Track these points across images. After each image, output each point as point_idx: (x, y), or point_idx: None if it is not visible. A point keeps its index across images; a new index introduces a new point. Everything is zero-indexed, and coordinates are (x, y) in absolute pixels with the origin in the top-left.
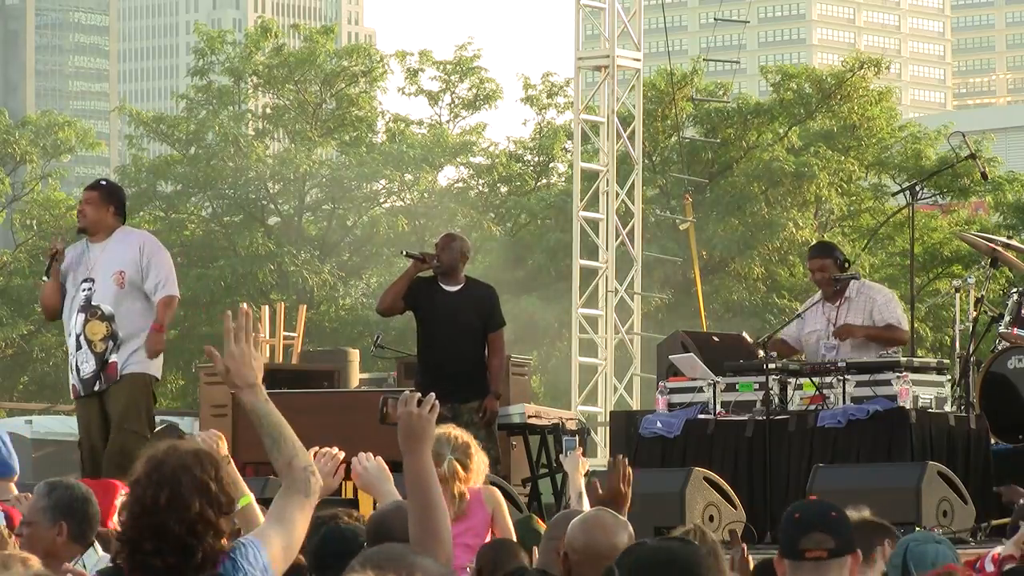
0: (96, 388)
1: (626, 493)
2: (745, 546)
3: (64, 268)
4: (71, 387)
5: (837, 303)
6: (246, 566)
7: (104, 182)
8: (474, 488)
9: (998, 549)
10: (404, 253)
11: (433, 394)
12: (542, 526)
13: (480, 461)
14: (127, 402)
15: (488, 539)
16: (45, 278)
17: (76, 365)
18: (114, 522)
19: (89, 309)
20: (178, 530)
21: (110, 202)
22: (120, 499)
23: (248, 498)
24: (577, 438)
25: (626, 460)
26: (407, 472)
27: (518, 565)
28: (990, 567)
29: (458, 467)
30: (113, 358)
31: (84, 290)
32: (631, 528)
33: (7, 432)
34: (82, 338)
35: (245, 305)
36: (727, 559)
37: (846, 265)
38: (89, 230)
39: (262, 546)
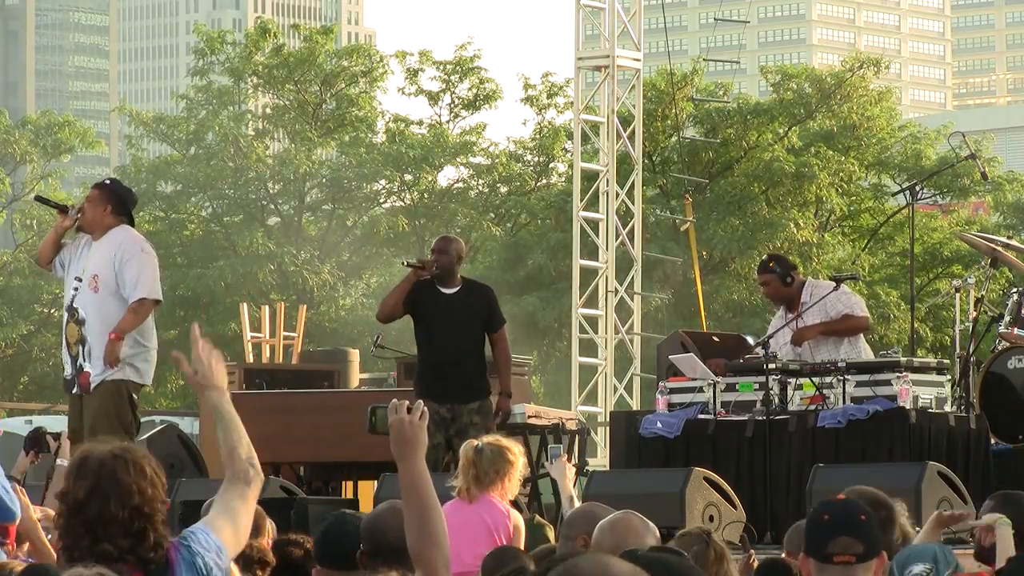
0: (74, 390)
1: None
2: (753, 552)
3: (71, 250)
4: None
5: (797, 310)
6: (200, 550)
7: (108, 181)
8: (502, 506)
9: None
10: (404, 263)
11: (421, 401)
12: (550, 529)
13: (515, 479)
14: (96, 412)
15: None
16: (37, 200)
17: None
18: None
19: (70, 310)
20: (123, 515)
21: (108, 201)
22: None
23: None
24: (562, 446)
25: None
26: (402, 478)
27: (519, 565)
28: None
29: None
30: (87, 367)
31: (72, 288)
32: (656, 530)
33: (5, 432)
34: (64, 338)
35: (196, 327)
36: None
37: (789, 279)
38: (84, 228)
39: (209, 530)
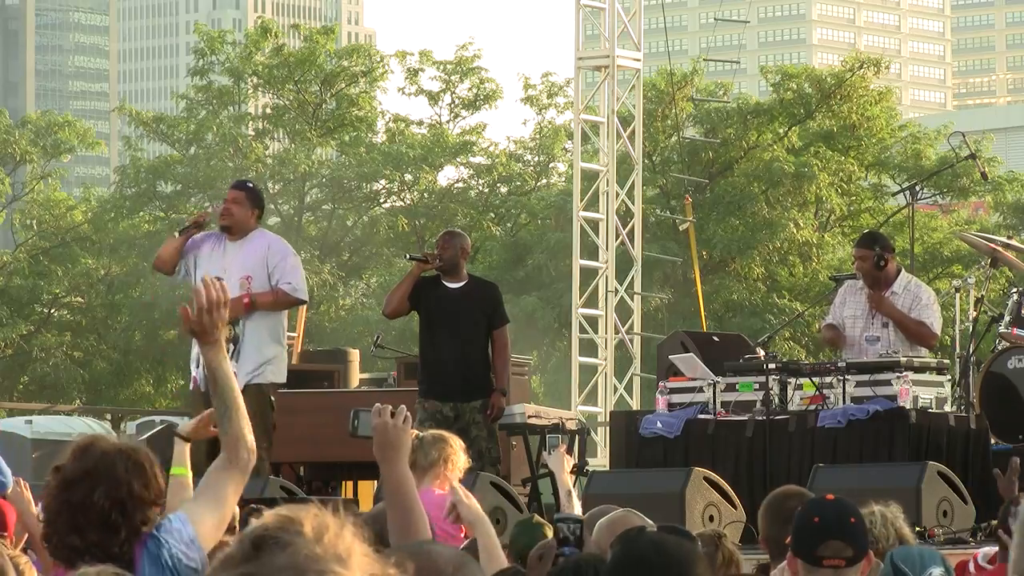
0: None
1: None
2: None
3: (195, 251)
4: (192, 378)
5: (882, 292)
6: (170, 541)
7: (250, 184)
8: (443, 492)
9: (985, 549)
10: (408, 257)
11: (403, 406)
12: (548, 528)
13: (458, 462)
14: None
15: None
16: (177, 234)
17: (198, 358)
18: None
19: None
20: (104, 505)
21: (255, 205)
22: None
23: (183, 469)
24: (560, 437)
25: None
26: (385, 482)
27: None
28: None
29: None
30: (233, 368)
31: None
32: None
33: (5, 432)
34: None
35: (209, 278)
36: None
37: (882, 263)
38: (232, 229)
39: (187, 520)
